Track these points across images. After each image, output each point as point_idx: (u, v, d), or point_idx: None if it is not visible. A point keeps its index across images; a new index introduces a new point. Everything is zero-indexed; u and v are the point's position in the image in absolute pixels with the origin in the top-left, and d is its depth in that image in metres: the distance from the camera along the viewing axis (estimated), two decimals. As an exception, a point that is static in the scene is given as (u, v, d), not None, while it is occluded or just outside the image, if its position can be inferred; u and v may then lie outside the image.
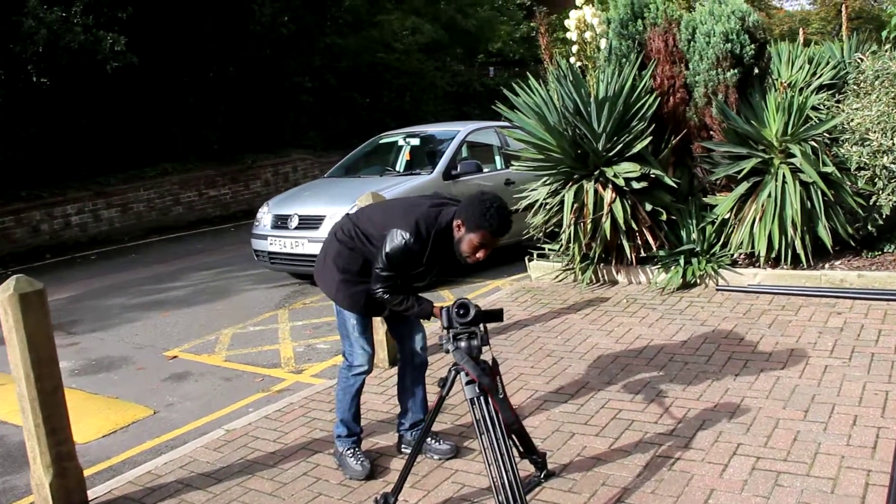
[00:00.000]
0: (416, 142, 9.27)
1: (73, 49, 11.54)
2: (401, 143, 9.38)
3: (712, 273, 6.50)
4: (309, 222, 8.00)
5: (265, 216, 8.53)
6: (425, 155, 9.01)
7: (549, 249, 7.33)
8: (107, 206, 13.55)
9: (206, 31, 13.87)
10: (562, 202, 6.77)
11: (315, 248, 7.74)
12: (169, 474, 4.35)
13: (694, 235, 6.68)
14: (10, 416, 5.71)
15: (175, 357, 6.74)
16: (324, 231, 7.79)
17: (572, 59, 6.56)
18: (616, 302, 6.55)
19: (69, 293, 9.61)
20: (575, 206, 6.67)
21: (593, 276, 7.10)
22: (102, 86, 12.99)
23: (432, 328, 4.93)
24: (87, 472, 4.64)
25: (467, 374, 3.23)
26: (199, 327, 7.55)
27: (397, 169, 9.00)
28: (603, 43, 6.49)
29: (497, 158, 9.08)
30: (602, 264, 7.06)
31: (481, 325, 3.32)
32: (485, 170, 8.84)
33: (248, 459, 4.44)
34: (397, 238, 3.50)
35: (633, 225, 6.54)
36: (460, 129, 8.84)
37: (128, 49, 12.31)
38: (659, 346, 5.40)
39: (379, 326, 5.36)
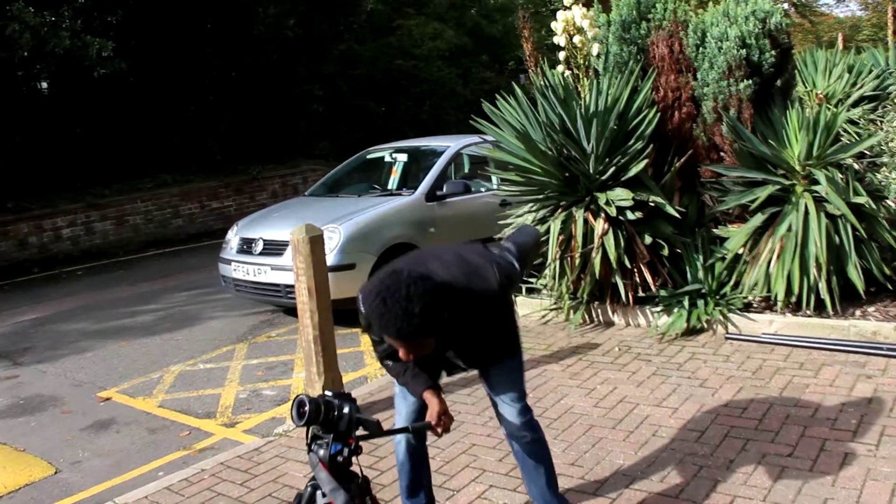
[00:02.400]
0: (403, 157, 8.42)
1: (59, 54, 10.94)
2: (388, 158, 8.54)
3: (721, 318, 5.54)
4: (273, 247, 7.20)
5: (233, 238, 7.75)
6: (413, 173, 8.16)
7: (540, 284, 6.41)
8: (100, 219, 12.93)
9: (205, 35, 13.26)
10: (549, 231, 5.85)
11: (278, 277, 6.97)
12: None
13: (701, 273, 5.72)
14: None
15: (108, 399, 6.01)
16: (287, 258, 6.97)
17: (560, 68, 5.65)
18: (607, 350, 5.61)
19: (36, 314, 9.00)
20: (561, 237, 5.75)
21: (586, 317, 6.17)
22: (96, 93, 12.41)
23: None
24: None
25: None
26: (149, 362, 6.80)
27: (389, 187, 8.16)
28: (595, 48, 5.56)
29: (494, 177, 8.18)
30: (597, 303, 6.12)
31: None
32: (482, 190, 7.97)
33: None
34: None
35: (626, 261, 5.59)
36: (450, 145, 7.97)
37: (121, 55, 11.73)
38: (643, 415, 4.46)
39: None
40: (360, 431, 2.47)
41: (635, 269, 5.78)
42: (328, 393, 2.49)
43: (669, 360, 5.26)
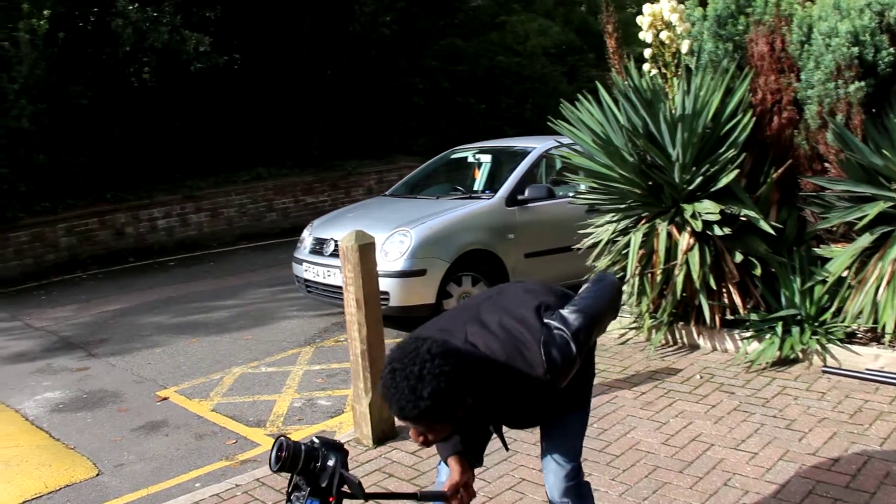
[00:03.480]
0: (487, 158, 8.03)
1: (158, 49, 11.09)
2: (471, 159, 8.18)
3: (818, 348, 4.93)
4: (344, 249, 6.93)
5: (307, 238, 7.56)
6: (496, 175, 7.77)
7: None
8: (195, 211, 13.07)
9: (302, 33, 13.19)
10: (628, 244, 5.37)
11: (347, 280, 6.69)
12: None
13: (797, 297, 5.11)
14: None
15: (165, 399, 5.90)
16: (358, 259, 6.71)
17: (645, 67, 5.15)
18: (687, 377, 5.08)
19: (120, 305, 9.07)
20: (642, 251, 5.25)
21: (668, 338, 5.65)
22: (195, 88, 12.55)
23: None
24: None
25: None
26: (213, 362, 6.68)
27: (471, 189, 7.79)
28: (685, 45, 5.02)
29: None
30: (681, 323, 5.59)
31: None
32: (570, 195, 7.49)
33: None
34: None
35: (712, 281, 5.05)
36: (536, 146, 7.52)
37: (219, 50, 11.81)
38: (717, 458, 3.94)
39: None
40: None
41: (723, 290, 5.22)
42: (316, 440, 2.16)
43: (755, 394, 4.70)
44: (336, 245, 7.02)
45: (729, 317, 5.33)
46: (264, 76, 13.67)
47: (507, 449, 2.80)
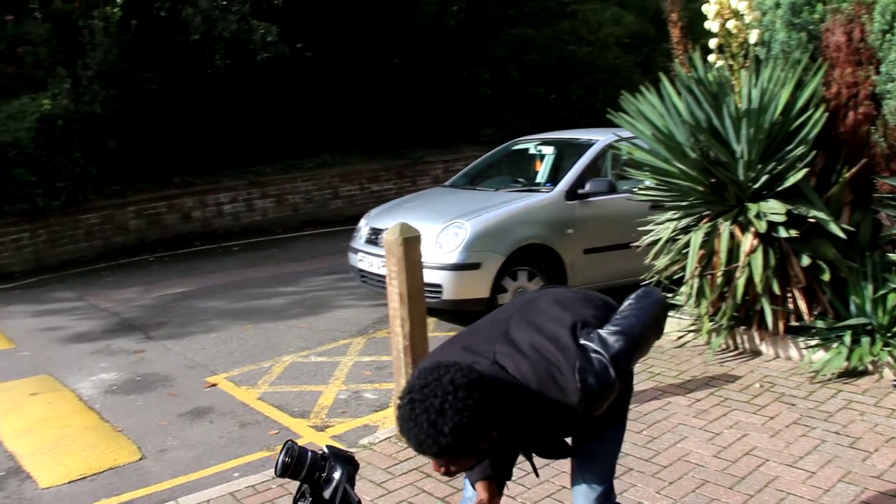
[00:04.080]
0: (549, 150, 7.83)
1: (226, 38, 11.18)
2: (533, 150, 7.98)
3: (890, 361, 4.63)
4: (399, 239, 6.84)
5: (363, 227, 7.49)
6: (557, 167, 7.56)
7: (677, 300, 5.66)
8: (261, 196, 13.18)
9: (368, 22, 13.14)
10: (688, 244, 5.13)
11: (399, 271, 6.60)
12: None
13: (869, 306, 4.80)
14: (14, 438, 5.09)
15: (214, 385, 5.91)
16: (411, 251, 6.61)
17: (711, 58, 4.89)
18: (745, 385, 4.83)
19: (182, 288, 9.17)
20: (702, 251, 5.01)
21: (729, 342, 5.39)
22: (263, 75, 12.62)
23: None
24: None
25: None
26: (265, 349, 6.67)
27: (531, 182, 7.61)
28: (753, 36, 4.74)
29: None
30: (743, 328, 5.32)
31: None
32: (634, 190, 7.24)
33: (166, 562, 3.40)
34: None
35: (775, 286, 4.77)
36: (599, 139, 7.29)
37: (286, 39, 11.83)
38: (771, 475, 3.71)
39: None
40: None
41: (788, 294, 4.95)
42: (326, 449, 2.05)
43: (818, 407, 4.43)
44: (391, 236, 6.93)
45: (793, 323, 5.05)
46: (331, 64, 13.68)
47: (537, 476, 2.63)
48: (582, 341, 2.14)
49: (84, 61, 11.28)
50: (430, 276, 6.44)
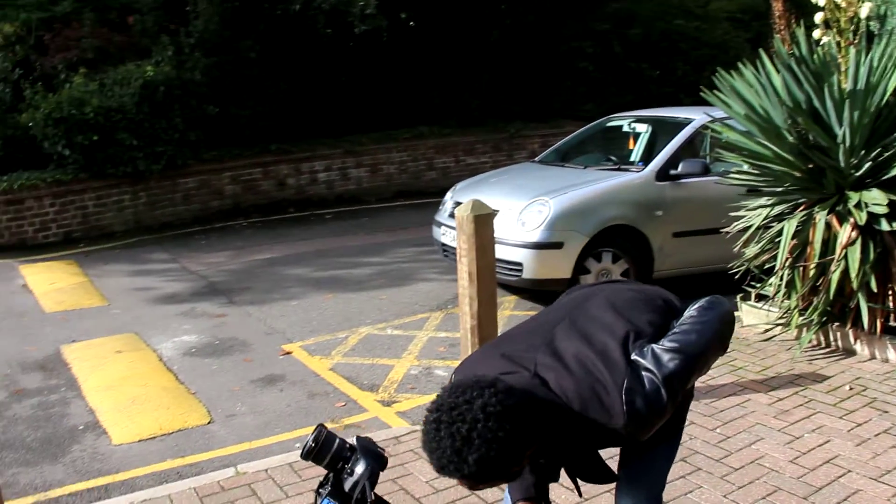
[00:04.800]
0: (643, 128, 7.52)
1: (326, 10, 11.22)
2: (626, 128, 7.69)
3: None
4: (481, 215, 6.71)
5: (448, 201, 7.39)
6: (651, 146, 7.26)
7: (766, 290, 5.32)
8: (356, 166, 13.23)
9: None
10: (781, 232, 4.82)
11: (479, 248, 6.47)
12: None
13: (979, 308, 4.41)
14: (95, 394, 5.25)
15: (288, 353, 5.94)
16: (496, 229, 6.47)
17: (816, 33, 4.53)
18: (834, 386, 4.52)
19: (271, 254, 9.31)
20: (794, 241, 4.69)
21: (820, 339, 5.06)
22: (360, 45, 12.63)
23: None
24: (87, 484, 4.13)
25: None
26: (343, 319, 6.68)
27: (623, 160, 7.33)
28: (865, 9, 4.36)
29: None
30: (837, 324, 4.98)
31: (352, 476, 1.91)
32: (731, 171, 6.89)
33: (219, 527, 3.42)
34: None
35: (873, 282, 4.43)
36: (695, 118, 6.93)
37: (386, 10, 11.80)
38: (853, 488, 3.44)
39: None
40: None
41: (888, 292, 4.59)
42: (355, 441, 1.96)
43: (913, 416, 4.10)
44: (473, 211, 6.80)
45: (893, 323, 4.68)
46: (429, 35, 13.57)
47: (580, 495, 2.41)
48: (633, 356, 1.93)
49: (187, 29, 11.52)
50: (511, 254, 6.34)
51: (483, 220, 4.21)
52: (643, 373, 1.89)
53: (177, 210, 11.54)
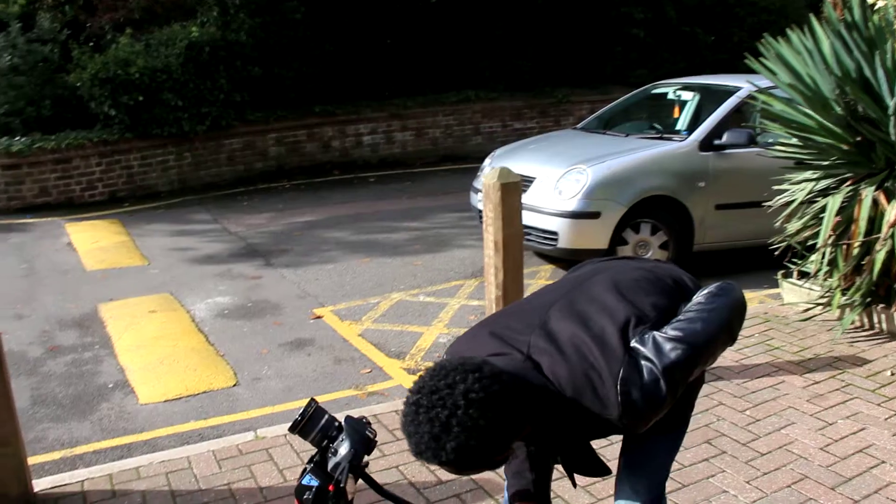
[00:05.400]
0: (689, 96, 7.28)
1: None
2: (671, 96, 7.45)
3: None
4: (518, 182, 6.58)
5: (486, 167, 7.28)
6: (696, 115, 7.03)
7: (807, 268, 5.13)
8: (401, 129, 13.15)
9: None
10: (825, 208, 4.62)
11: (515, 216, 6.36)
12: (141, 481, 3.57)
13: None
14: (127, 353, 5.31)
15: (319, 318, 5.94)
16: (530, 196, 6.36)
17: (871, -3, 4.30)
18: (874, 371, 4.34)
19: (312, 217, 9.31)
20: (838, 218, 4.49)
21: (864, 320, 4.87)
22: (407, 7, 12.44)
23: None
24: (111, 443, 4.19)
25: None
26: (375, 284, 6.65)
27: (667, 129, 7.11)
28: (923, -28, 4.11)
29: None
30: (882, 305, 4.78)
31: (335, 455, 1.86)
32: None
33: (233, 488, 3.42)
34: None
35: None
36: (743, 86, 6.68)
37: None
38: (886, 480, 3.29)
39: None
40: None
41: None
42: (345, 420, 1.89)
43: (956, 404, 3.92)
44: (510, 178, 6.68)
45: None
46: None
47: (574, 485, 2.23)
48: (633, 343, 1.80)
49: (233, -10, 11.50)
50: (547, 223, 6.22)
51: (510, 189, 4.10)
52: (642, 362, 1.77)
53: (221, 171, 11.60)
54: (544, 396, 1.78)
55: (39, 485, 3.58)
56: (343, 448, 1.83)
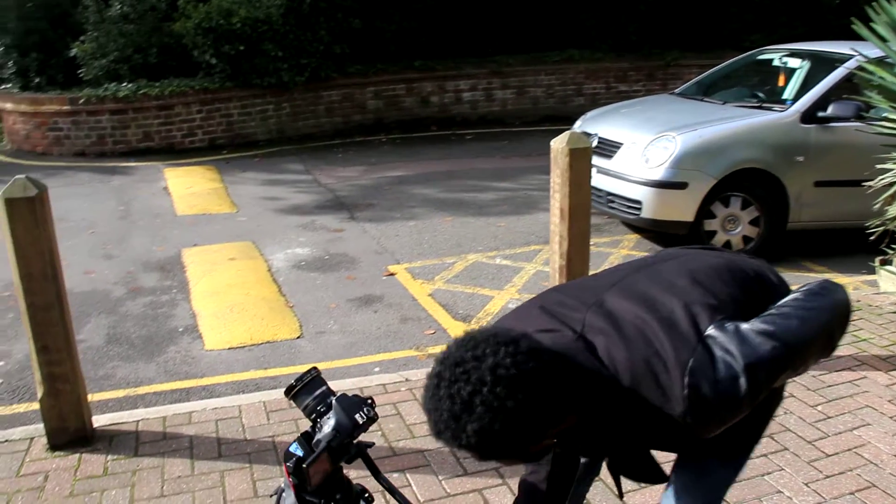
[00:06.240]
0: (796, 63, 6.83)
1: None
2: (777, 62, 7.01)
3: None
4: (605, 147, 6.37)
5: (576, 129, 7.04)
6: (805, 84, 6.58)
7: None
8: (502, 87, 12.94)
9: None
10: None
11: (601, 182, 6.19)
12: (192, 425, 3.67)
13: None
14: (201, 298, 5.44)
15: (392, 275, 5.93)
16: (616, 162, 6.15)
17: None
18: (969, 370, 4.00)
19: (403, 172, 9.32)
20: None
21: (965, 314, 4.50)
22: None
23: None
24: (171, 385, 4.32)
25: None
26: (454, 244, 6.59)
27: (770, 98, 6.72)
28: None
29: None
30: None
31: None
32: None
33: (276, 441, 3.47)
34: None
35: None
36: (855, 54, 6.20)
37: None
38: (957, 486, 3.03)
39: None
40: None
41: None
42: (338, 398, 1.83)
43: None
44: (600, 141, 6.47)
45: None
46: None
47: (620, 497, 2.07)
48: (710, 331, 1.55)
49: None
50: (631, 191, 6.00)
51: (579, 155, 3.93)
52: (718, 353, 1.51)
53: (319, 122, 11.71)
54: (595, 382, 1.57)
55: (99, 420, 3.71)
56: (327, 427, 1.77)
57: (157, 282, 5.83)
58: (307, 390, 1.86)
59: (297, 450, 1.77)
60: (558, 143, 3.97)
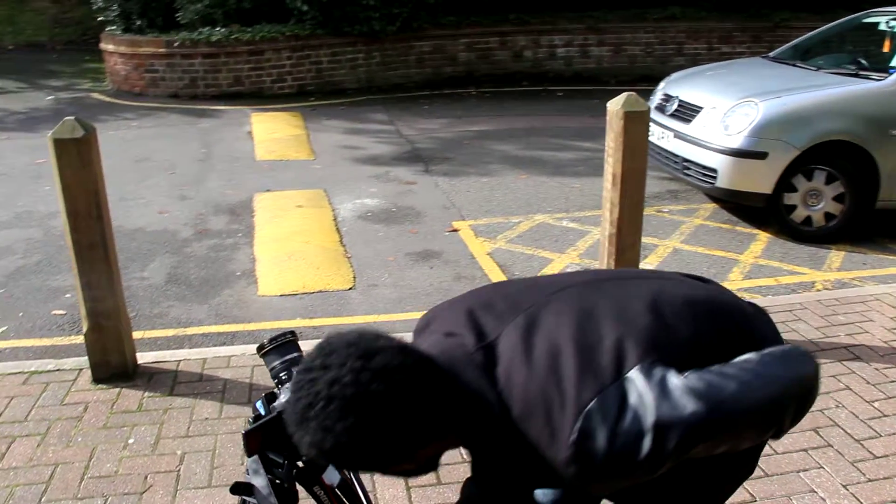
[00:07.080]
0: (904, 28, 6.36)
1: None
2: (884, 26, 6.53)
3: None
4: (685, 111, 6.11)
5: (658, 92, 6.79)
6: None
7: None
8: (598, 44, 12.57)
9: None
10: None
11: (678, 147, 5.98)
12: (229, 369, 3.76)
13: None
14: (263, 244, 5.54)
15: (455, 231, 5.89)
16: (694, 127, 5.90)
17: None
18: None
19: (486, 126, 9.23)
20: None
21: None
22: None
23: None
24: (219, 328, 4.42)
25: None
26: (524, 203, 6.49)
27: (883, 65, 6.27)
28: None
29: None
30: None
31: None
32: None
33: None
34: None
35: None
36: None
37: None
38: None
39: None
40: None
41: None
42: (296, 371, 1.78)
43: None
44: (679, 104, 6.21)
45: None
46: None
47: None
48: (631, 373, 1.32)
49: None
50: (706, 158, 5.76)
51: (635, 118, 3.76)
52: (633, 400, 1.28)
53: (409, 73, 11.67)
54: (473, 406, 1.36)
55: (144, 358, 3.84)
56: (283, 396, 1.74)
57: (224, 225, 5.96)
58: (278, 352, 1.82)
59: (261, 407, 1.76)
60: (614, 106, 3.81)
